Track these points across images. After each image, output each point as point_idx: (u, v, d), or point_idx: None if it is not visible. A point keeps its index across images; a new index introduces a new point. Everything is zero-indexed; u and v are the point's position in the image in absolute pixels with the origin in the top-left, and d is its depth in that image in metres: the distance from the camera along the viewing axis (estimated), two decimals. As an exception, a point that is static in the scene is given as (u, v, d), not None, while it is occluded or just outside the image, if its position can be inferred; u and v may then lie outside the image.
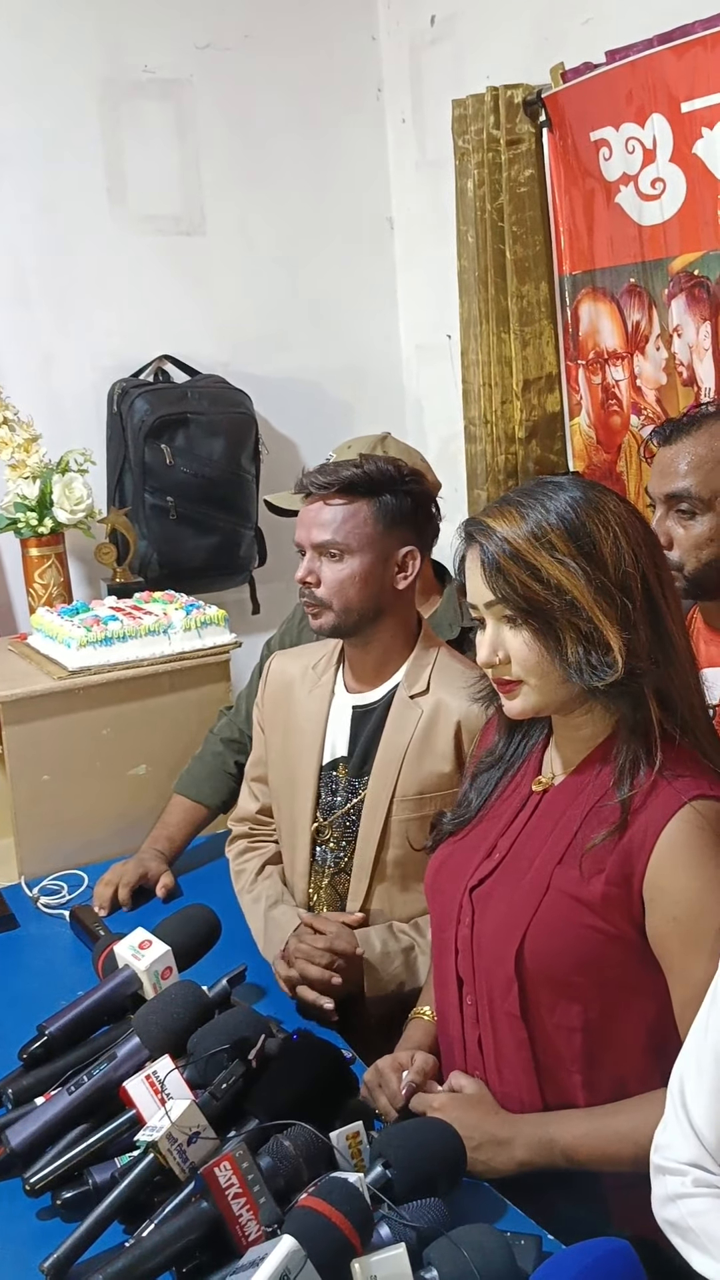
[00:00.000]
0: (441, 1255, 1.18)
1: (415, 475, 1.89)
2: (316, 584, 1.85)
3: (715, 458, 1.74)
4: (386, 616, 1.88)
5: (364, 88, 3.38)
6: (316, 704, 1.96)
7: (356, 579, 1.83)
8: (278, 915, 1.92)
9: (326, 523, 1.84)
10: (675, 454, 1.76)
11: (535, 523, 1.36)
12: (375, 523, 1.83)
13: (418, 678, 1.89)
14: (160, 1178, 1.32)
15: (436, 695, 1.86)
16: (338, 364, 3.42)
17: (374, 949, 1.80)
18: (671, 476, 1.76)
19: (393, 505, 1.84)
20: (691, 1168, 1.16)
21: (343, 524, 1.83)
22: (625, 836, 1.35)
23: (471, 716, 1.81)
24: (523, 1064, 1.43)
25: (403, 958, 1.81)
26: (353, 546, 1.83)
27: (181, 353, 3.17)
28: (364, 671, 1.93)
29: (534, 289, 2.74)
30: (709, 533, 1.73)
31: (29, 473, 2.82)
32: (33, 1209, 1.40)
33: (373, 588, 1.84)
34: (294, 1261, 1.11)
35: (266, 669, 2.09)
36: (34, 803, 2.38)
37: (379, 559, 1.84)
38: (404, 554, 1.86)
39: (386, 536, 1.84)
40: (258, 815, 2.09)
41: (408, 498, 1.86)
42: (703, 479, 1.73)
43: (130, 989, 1.62)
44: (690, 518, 1.74)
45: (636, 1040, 1.40)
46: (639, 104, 2.37)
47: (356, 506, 1.83)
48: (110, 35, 3.02)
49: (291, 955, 1.79)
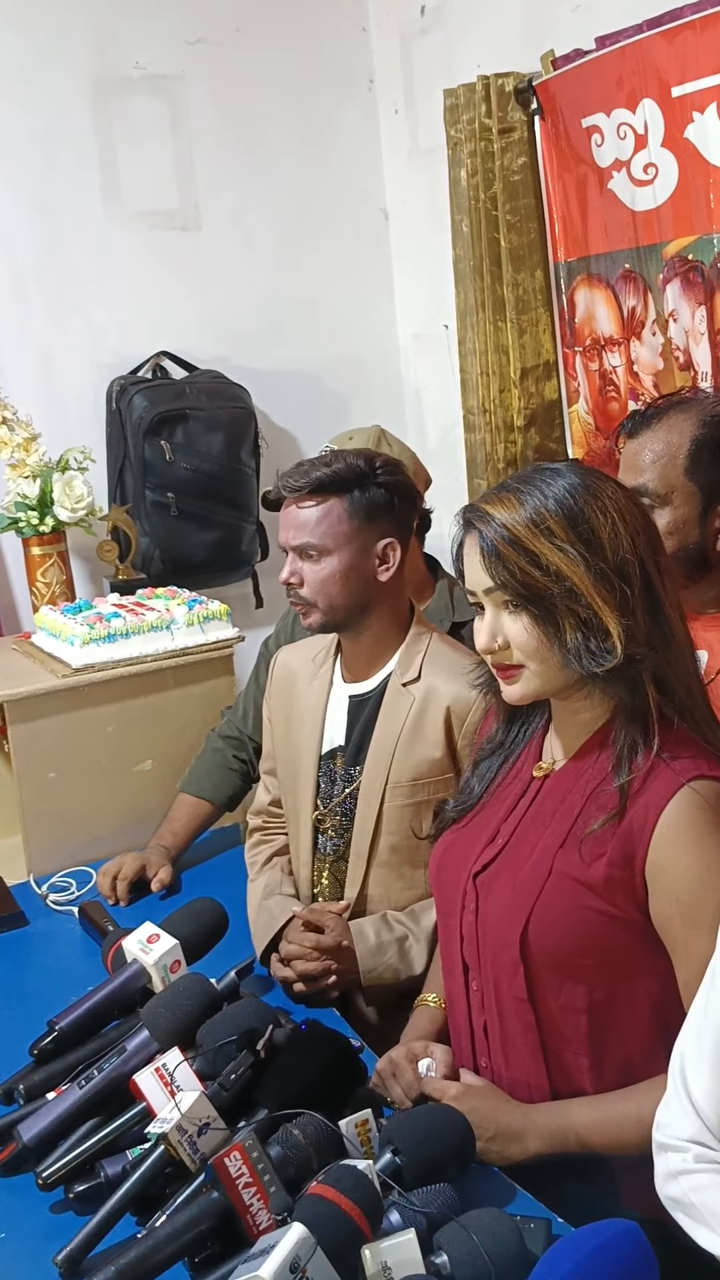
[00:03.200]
0: (452, 1240, 1.18)
1: (388, 466, 1.87)
2: (300, 584, 1.86)
3: (671, 453, 1.74)
4: (375, 608, 1.88)
5: (355, 79, 3.37)
6: (316, 695, 1.97)
7: (337, 577, 1.83)
8: (270, 905, 1.93)
9: (302, 524, 1.84)
10: (637, 449, 1.78)
11: (534, 509, 1.36)
12: (349, 519, 1.83)
13: (410, 665, 1.89)
14: (171, 1169, 1.33)
15: (428, 682, 1.87)
16: (335, 356, 3.42)
17: (368, 941, 1.81)
18: (632, 472, 1.77)
19: (365, 500, 1.84)
20: (692, 1144, 1.18)
21: (317, 525, 1.83)
22: (626, 819, 1.36)
23: (461, 701, 1.82)
24: (530, 1047, 1.44)
25: (396, 947, 1.82)
26: (329, 546, 1.83)
27: (179, 348, 3.17)
28: (358, 662, 1.94)
29: (529, 277, 2.74)
30: (668, 526, 1.74)
31: (29, 472, 2.83)
32: (46, 1203, 1.41)
33: (355, 583, 1.85)
34: (304, 1249, 1.12)
35: (273, 662, 2.10)
36: (41, 800, 2.38)
37: (358, 554, 1.84)
38: (384, 546, 1.86)
39: (363, 531, 1.84)
40: (270, 807, 2.11)
41: (380, 490, 1.85)
42: (659, 474, 1.74)
43: (139, 983, 1.63)
44: (650, 512, 1.74)
45: (642, 1021, 1.41)
46: (630, 89, 2.36)
47: (329, 505, 1.83)
48: (101, 32, 3.02)
49: (285, 955, 1.81)
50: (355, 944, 1.81)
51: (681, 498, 1.74)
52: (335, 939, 1.80)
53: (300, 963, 1.80)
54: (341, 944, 1.80)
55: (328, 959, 1.79)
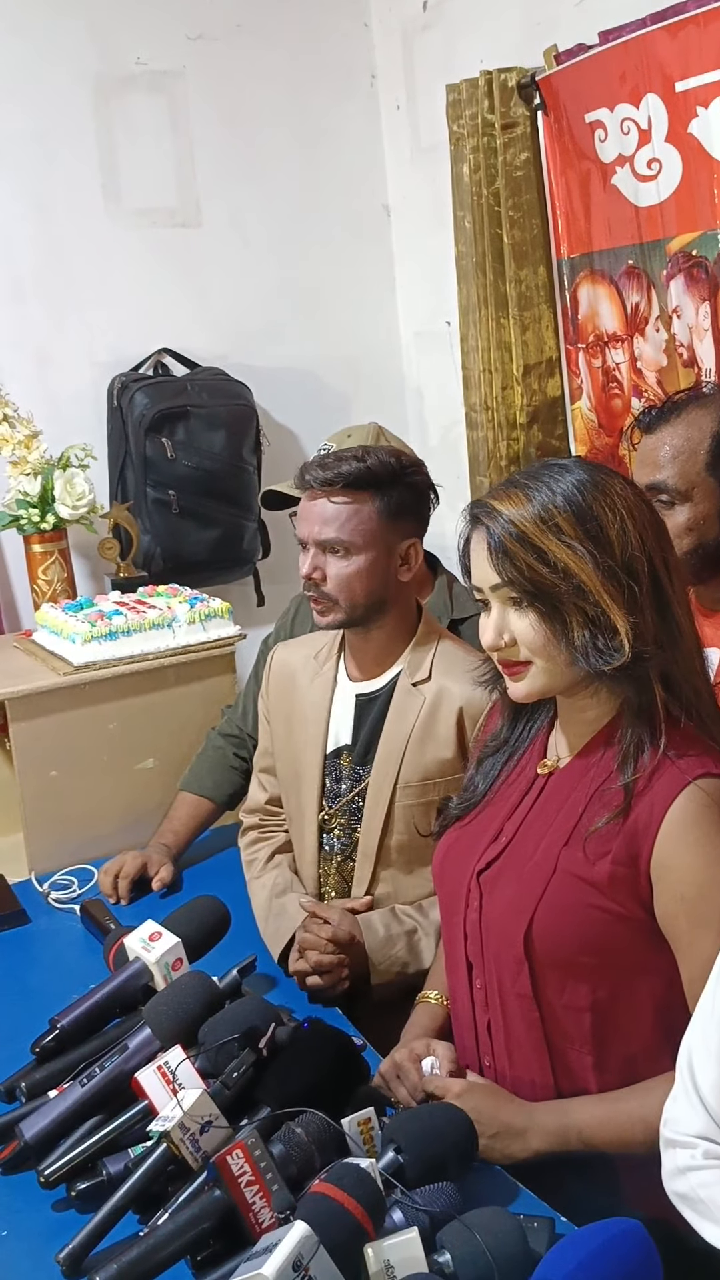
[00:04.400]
0: (454, 1238, 1.18)
1: (415, 466, 1.88)
2: (322, 580, 1.83)
3: (691, 448, 1.74)
4: (390, 608, 1.87)
5: (357, 75, 3.36)
6: (319, 693, 1.96)
7: (363, 575, 1.82)
8: (285, 903, 1.92)
9: (330, 519, 1.81)
10: (655, 444, 1.77)
11: (541, 505, 1.35)
12: (379, 518, 1.82)
13: (420, 665, 1.88)
14: (173, 1167, 1.33)
15: (439, 682, 1.86)
16: (337, 353, 3.41)
17: (376, 934, 1.81)
18: (651, 468, 1.76)
19: (395, 499, 1.82)
20: (700, 1140, 1.17)
21: (347, 521, 1.81)
22: (631, 817, 1.35)
23: (473, 702, 1.81)
24: (534, 1045, 1.43)
25: (405, 940, 1.81)
26: (358, 544, 1.81)
27: (180, 346, 3.17)
28: (366, 661, 1.93)
29: (532, 273, 2.73)
30: (688, 522, 1.74)
31: (30, 469, 2.82)
32: (48, 1201, 1.41)
33: (377, 582, 1.83)
34: (307, 1247, 1.11)
35: (270, 659, 2.09)
36: (42, 798, 2.38)
37: (383, 553, 1.83)
38: (407, 546, 1.85)
39: (390, 531, 1.83)
40: (267, 805, 2.10)
41: (409, 490, 1.84)
42: (679, 470, 1.74)
43: (141, 981, 1.62)
44: (670, 507, 1.75)
45: (646, 1019, 1.40)
46: (633, 84, 2.35)
47: (361, 502, 1.81)
48: (101, 28, 3.01)
49: (300, 946, 1.80)
50: (364, 937, 1.80)
51: (702, 493, 1.74)
52: (348, 932, 1.79)
53: (314, 953, 1.78)
54: (352, 937, 1.79)
55: (340, 952, 1.78)
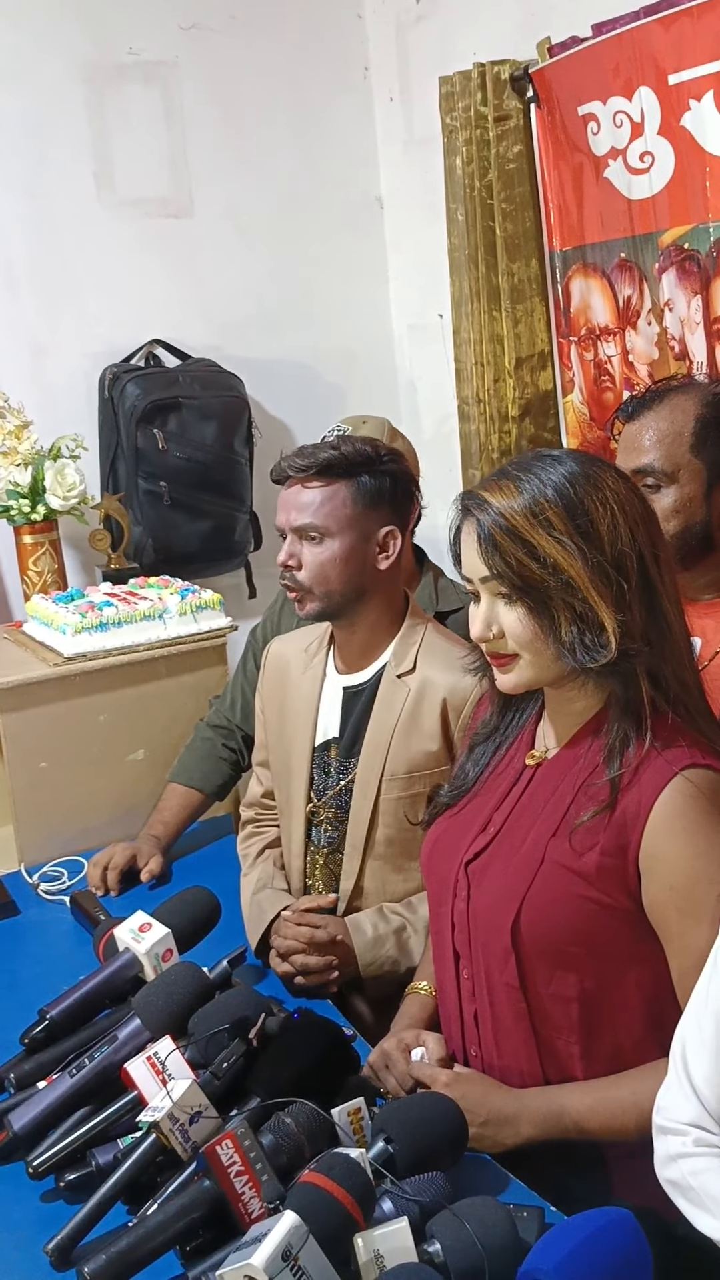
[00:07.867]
0: (444, 1228, 1.18)
1: (393, 455, 1.88)
2: (298, 567, 1.85)
3: (676, 431, 1.76)
4: (371, 597, 1.87)
5: (350, 67, 3.35)
6: (309, 686, 1.96)
7: (337, 561, 1.83)
8: (261, 899, 1.93)
9: (305, 505, 1.83)
10: (639, 429, 1.79)
11: (532, 498, 1.34)
12: (354, 504, 1.83)
13: (405, 656, 1.89)
14: (163, 1158, 1.33)
15: (423, 673, 1.86)
16: (329, 345, 3.41)
17: (364, 934, 1.81)
18: (636, 452, 1.78)
19: (371, 485, 1.83)
20: (692, 1128, 1.18)
21: (321, 506, 1.82)
22: (619, 809, 1.35)
23: (457, 692, 1.81)
24: (522, 1035, 1.43)
25: (394, 939, 1.82)
26: (332, 529, 1.82)
27: (172, 337, 3.16)
28: (352, 653, 1.93)
29: (524, 266, 2.73)
30: (675, 504, 1.76)
31: (21, 459, 2.81)
32: (36, 1192, 1.41)
33: (354, 569, 1.84)
34: (296, 1237, 1.11)
35: (265, 653, 2.09)
36: (32, 790, 2.38)
37: (359, 540, 1.83)
38: (384, 534, 1.85)
39: (366, 517, 1.83)
40: (263, 799, 2.10)
41: (386, 477, 1.85)
42: (665, 453, 1.76)
43: (131, 972, 1.62)
44: (656, 491, 1.76)
45: (633, 1009, 1.40)
46: (626, 77, 2.35)
47: (335, 488, 1.82)
48: (94, 17, 3.00)
49: (280, 950, 1.81)
50: (353, 938, 1.80)
51: (688, 475, 1.76)
52: (330, 935, 1.79)
53: (300, 957, 1.79)
54: (337, 939, 1.79)
55: (327, 954, 1.79)
